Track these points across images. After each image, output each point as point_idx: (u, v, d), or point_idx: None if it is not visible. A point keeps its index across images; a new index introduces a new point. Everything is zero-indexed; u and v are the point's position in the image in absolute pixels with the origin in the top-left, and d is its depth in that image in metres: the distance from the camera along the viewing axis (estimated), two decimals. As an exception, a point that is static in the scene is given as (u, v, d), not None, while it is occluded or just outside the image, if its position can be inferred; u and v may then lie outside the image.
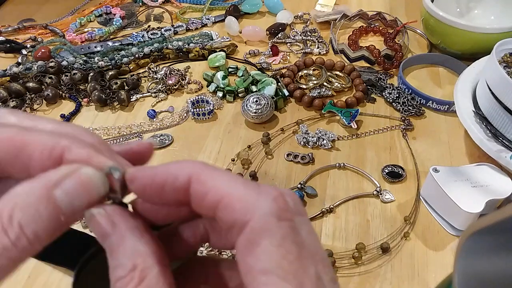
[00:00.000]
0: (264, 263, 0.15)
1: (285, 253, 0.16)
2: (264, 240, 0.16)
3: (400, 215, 0.50)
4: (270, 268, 0.15)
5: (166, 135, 0.61)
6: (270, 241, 0.16)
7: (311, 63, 0.71)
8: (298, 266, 0.16)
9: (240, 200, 0.16)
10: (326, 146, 0.58)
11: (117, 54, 0.75)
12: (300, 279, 0.15)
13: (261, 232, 0.16)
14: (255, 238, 0.16)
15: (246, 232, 0.16)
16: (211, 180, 0.17)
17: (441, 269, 0.46)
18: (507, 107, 0.49)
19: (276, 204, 0.16)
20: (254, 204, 0.16)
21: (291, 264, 0.15)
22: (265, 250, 0.16)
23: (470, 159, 0.57)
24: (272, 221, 0.16)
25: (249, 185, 0.17)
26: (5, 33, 0.82)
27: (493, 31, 0.64)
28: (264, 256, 0.16)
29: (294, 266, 0.15)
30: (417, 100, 0.64)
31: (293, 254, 0.16)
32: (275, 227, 0.16)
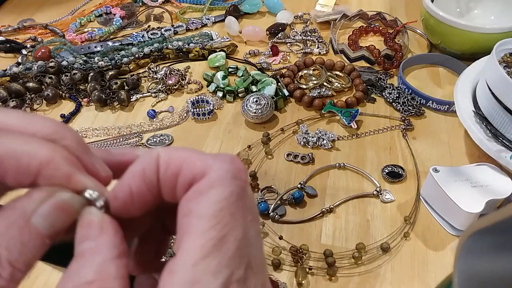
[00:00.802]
0: (203, 209, 0.16)
1: (226, 206, 0.16)
2: (213, 190, 0.16)
3: (400, 215, 0.50)
4: (206, 214, 0.16)
5: (166, 135, 0.61)
6: (218, 191, 0.16)
7: (311, 63, 0.71)
8: (231, 222, 0.16)
9: (200, 159, 0.17)
10: (326, 146, 0.58)
11: (117, 54, 0.75)
12: (227, 233, 0.16)
13: (213, 183, 0.17)
14: (206, 187, 0.17)
15: (200, 182, 0.17)
16: (173, 154, 0.18)
17: (441, 269, 0.46)
18: (507, 107, 0.49)
19: (232, 165, 0.17)
20: (213, 162, 0.17)
21: (225, 218, 0.16)
22: (209, 198, 0.16)
23: (470, 159, 0.57)
24: (227, 177, 0.17)
25: (207, 153, 0.18)
26: (5, 33, 0.82)
27: (493, 31, 0.64)
28: (206, 203, 0.16)
29: (226, 220, 0.16)
30: (417, 100, 0.64)
31: (231, 210, 0.16)
32: (228, 182, 0.17)
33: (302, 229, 0.50)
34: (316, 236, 0.49)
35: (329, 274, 0.45)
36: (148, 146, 0.59)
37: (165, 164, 0.18)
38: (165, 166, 0.18)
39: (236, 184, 0.17)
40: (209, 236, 0.16)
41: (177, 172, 0.17)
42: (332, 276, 0.45)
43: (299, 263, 0.46)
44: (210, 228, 0.16)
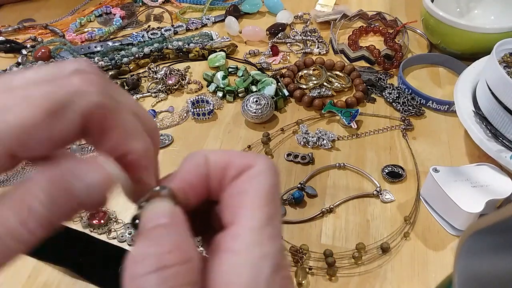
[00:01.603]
0: (258, 189, 0.19)
1: (274, 190, 0.19)
2: (264, 176, 0.19)
3: (400, 215, 0.50)
4: (259, 191, 0.19)
5: (166, 135, 0.61)
6: (267, 177, 0.19)
7: (311, 63, 0.71)
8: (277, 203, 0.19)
9: (244, 156, 0.20)
10: (326, 146, 0.58)
11: (117, 54, 0.75)
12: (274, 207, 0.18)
13: (263, 171, 0.19)
14: (257, 173, 0.19)
15: (251, 170, 0.19)
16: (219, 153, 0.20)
17: (441, 269, 0.46)
18: (507, 107, 0.49)
19: (271, 161, 0.20)
20: (256, 156, 0.20)
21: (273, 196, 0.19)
22: (262, 181, 0.19)
23: (470, 159, 0.57)
24: (269, 169, 0.19)
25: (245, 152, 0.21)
26: (5, 33, 0.82)
27: (493, 31, 0.64)
28: (260, 185, 0.19)
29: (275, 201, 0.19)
30: (417, 100, 0.64)
31: (275, 194, 0.19)
32: (273, 172, 0.19)
33: (302, 229, 0.50)
34: (316, 236, 0.49)
35: (329, 274, 0.45)
36: (148, 146, 0.59)
37: (214, 160, 0.20)
38: (214, 162, 0.20)
39: (277, 176, 0.19)
40: (266, 210, 0.18)
41: (225, 166, 0.20)
42: (332, 276, 0.45)
43: (299, 263, 0.46)
44: (265, 205, 0.18)
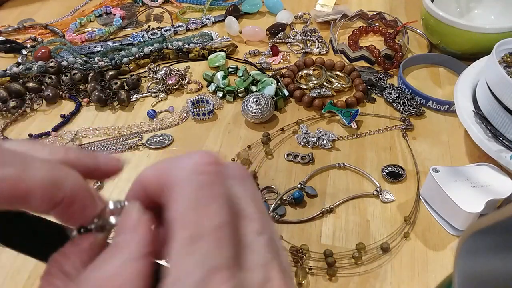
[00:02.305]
0: (175, 213, 0.17)
1: (193, 203, 0.16)
2: (179, 194, 0.17)
3: (400, 215, 0.50)
4: (176, 217, 0.16)
5: (166, 135, 0.61)
6: (183, 194, 0.17)
7: (311, 63, 0.71)
8: (197, 217, 0.16)
9: (168, 167, 0.18)
10: (326, 146, 0.58)
11: (117, 54, 0.75)
12: (198, 225, 0.16)
13: (179, 189, 0.17)
14: (175, 194, 0.17)
15: (171, 192, 0.17)
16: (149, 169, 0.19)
17: (441, 269, 0.46)
18: (507, 107, 0.49)
19: (193, 161, 0.17)
20: (175, 167, 0.18)
21: (194, 214, 0.16)
22: (179, 203, 0.17)
23: (470, 159, 0.57)
24: (190, 177, 0.17)
25: (176, 157, 0.18)
26: (5, 33, 0.82)
27: (493, 31, 0.64)
28: (176, 208, 0.17)
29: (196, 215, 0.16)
30: (417, 100, 0.64)
31: (197, 206, 0.16)
32: (187, 180, 0.17)
33: (302, 229, 0.50)
34: (316, 236, 0.49)
35: (329, 274, 0.45)
36: (148, 146, 0.59)
37: (145, 176, 0.19)
38: (145, 178, 0.19)
39: (202, 177, 0.17)
40: (186, 235, 0.16)
41: (154, 181, 0.18)
42: (332, 276, 0.45)
43: (299, 263, 0.46)
44: (180, 230, 0.16)
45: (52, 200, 0.17)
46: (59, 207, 0.18)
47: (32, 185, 0.16)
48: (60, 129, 0.63)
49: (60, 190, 0.17)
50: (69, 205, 0.18)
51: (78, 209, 0.18)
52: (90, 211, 0.19)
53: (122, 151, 0.59)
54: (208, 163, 0.17)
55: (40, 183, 0.17)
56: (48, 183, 0.17)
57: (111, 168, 0.21)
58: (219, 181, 0.17)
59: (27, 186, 0.16)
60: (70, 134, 0.62)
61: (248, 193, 0.19)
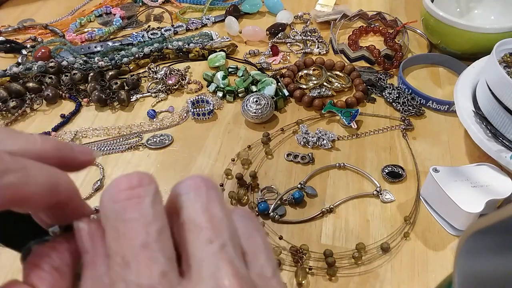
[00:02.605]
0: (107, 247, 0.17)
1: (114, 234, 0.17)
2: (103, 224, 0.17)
3: (400, 215, 0.50)
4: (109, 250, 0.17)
5: (166, 135, 0.61)
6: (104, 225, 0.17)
7: (311, 63, 0.71)
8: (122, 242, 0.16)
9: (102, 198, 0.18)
10: (326, 146, 0.58)
11: (117, 54, 0.75)
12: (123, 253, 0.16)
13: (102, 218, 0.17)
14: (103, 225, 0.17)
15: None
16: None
17: (441, 269, 0.46)
18: (507, 107, 0.49)
19: (113, 189, 0.17)
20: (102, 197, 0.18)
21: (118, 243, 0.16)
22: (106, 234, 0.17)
23: (470, 159, 0.57)
24: (107, 206, 0.17)
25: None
26: (5, 33, 0.82)
27: (493, 31, 0.64)
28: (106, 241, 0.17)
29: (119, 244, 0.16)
30: (417, 100, 0.64)
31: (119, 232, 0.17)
32: (108, 211, 0.17)
33: (302, 229, 0.50)
34: (316, 236, 0.49)
35: (329, 274, 0.45)
36: (148, 146, 0.59)
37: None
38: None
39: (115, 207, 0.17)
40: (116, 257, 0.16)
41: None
42: (332, 276, 0.45)
43: (299, 263, 0.46)
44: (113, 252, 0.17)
45: (48, 203, 0.18)
46: (53, 208, 0.18)
47: (33, 191, 0.17)
48: (60, 129, 0.63)
49: (57, 193, 0.18)
50: (62, 207, 0.18)
51: (69, 211, 0.19)
52: (78, 213, 0.19)
53: (122, 151, 0.59)
54: (126, 188, 0.17)
55: (40, 189, 0.17)
56: (47, 188, 0.17)
57: (85, 159, 0.21)
58: (137, 204, 0.17)
59: (28, 191, 0.17)
60: (70, 134, 0.62)
61: (198, 202, 0.18)
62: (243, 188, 0.53)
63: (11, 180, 0.16)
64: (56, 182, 0.18)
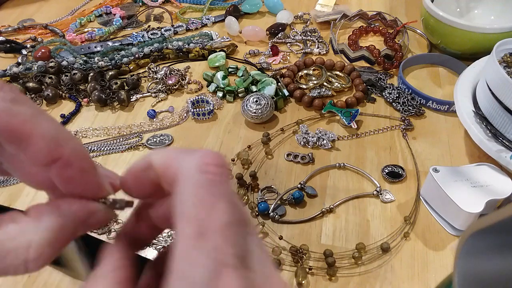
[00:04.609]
0: (180, 208, 0.17)
1: (198, 200, 0.16)
2: (184, 189, 0.17)
3: (400, 215, 0.50)
4: (181, 212, 0.16)
5: (166, 135, 0.61)
6: (188, 190, 0.17)
7: (311, 63, 0.71)
8: (205, 213, 0.16)
9: (177, 159, 0.18)
10: (326, 146, 0.58)
11: (117, 54, 0.75)
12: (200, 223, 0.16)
13: (184, 183, 0.17)
14: (180, 188, 0.17)
15: (176, 185, 0.18)
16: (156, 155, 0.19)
17: (441, 269, 0.46)
18: (507, 107, 0.49)
19: (201, 159, 0.18)
20: (182, 160, 0.18)
21: (198, 211, 0.16)
22: (183, 198, 0.17)
23: (470, 159, 0.57)
24: (195, 173, 0.17)
25: (185, 150, 0.19)
26: (5, 33, 0.82)
27: (493, 31, 0.64)
28: (181, 203, 0.17)
29: (201, 212, 0.16)
30: (417, 100, 0.64)
31: (204, 202, 0.16)
32: (196, 179, 0.17)
33: (302, 229, 0.50)
34: (316, 236, 0.49)
35: (329, 274, 0.45)
36: (148, 146, 0.59)
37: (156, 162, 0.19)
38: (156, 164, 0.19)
39: (203, 177, 0.17)
40: (191, 232, 0.16)
41: (163, 169, 0.19)
42: (332, 276, 0.45)
43: (299, 263, 0.46)
44: (187, 225, 0.16)
45: (50, 153, 0.18)
46: (57, 165, 0.18)
47: (36, 131, 0.17)
48: (60, 129, 0.63)
49: (60, 146, 0.18)
50: (67, 165, 0.18)
51: (76, 173, 0.19)
52: (90, 181, 0.19)
53: (122, 151, 0.59)
54: (214, 163, 0.18)
55: (43, 132, 0.17)
56: (50, 135, 0.18)
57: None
58: (225, 182, 0.17)
59: (31, 129, 0.17)
60: (70, 134, 0.61)
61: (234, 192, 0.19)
62: (243, 188, 0.53)
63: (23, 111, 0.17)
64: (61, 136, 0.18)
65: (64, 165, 0.18)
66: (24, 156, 0.18)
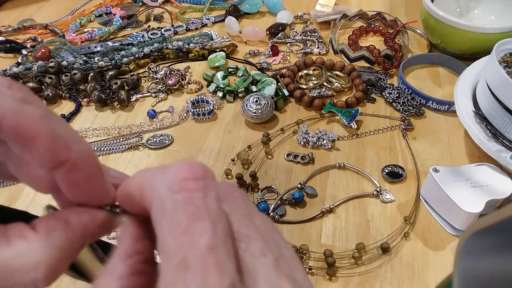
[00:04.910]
0: (157, 237, 0.15)
1: (173, 228, 0.14)
2: (155, 214, 0.15)
3: (400, 215, 0.50)
4: (161, 248, 0.15)
5: (166, 135, 0.61)
6: (159, 215, 0.15)
7: (311, 63, 0.71)
8: (184, 240, 0.14)
9: (148, 180, 0.17)
10: (326, 146, 0.58)
11: (117, 54, 0.75)
12: (183, 254, 0.14)
13: (155, 206, 0.15)
14: (155, 216, 0.15)
15: (152, 212, 0.16)
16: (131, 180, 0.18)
17: (441, 269, 0.46)
18: (507, 107, 0.49)
19: (174, 176, 0.16)
20: (154, 183, 0.16)
21: (174, 238, 0.14)
22: (156, 224, 0.15)
23: (470, 159, 0.57)
24: (164, 194, 0.15)
25: (160, 168, 0.17)
26: (5, 33, 0.82)
27: (493, 31, 0.64)
28: (157, 231, 0.15)
29: (179, 240, 0.14)
30: (417, 100, 0.64)
31: (181, 227, 0.14)
32: (167, 199, 0.15)
33: (302, 229, 0.50)
34: (316, 236, 0.49)
35: (329, 274, 0.45)
36: (148, 146, 0.59)
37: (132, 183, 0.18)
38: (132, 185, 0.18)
39: (178, 197, 0.15)
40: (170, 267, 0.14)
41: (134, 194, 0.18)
42: (332, 276, 0.45)
43: (299, 263, 0.46)
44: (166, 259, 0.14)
45: (57, 155, 0.17)
46: (64, 169, 0.17)
47: (43, 132, 0.17)
48: (60, 129, 0.63)
49: (68, 148, 0.17)
50: (74, 169, 0.18)
51: (83, 178, 0.18)
52: (96, 187, 0.18)
53: (122, 151, 0.59)
54: (192, 177, 0.15)
55: (51, 133, 0.17)
56: (58, 137, 0.17)
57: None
58: (207, 196, 0.15)
59: (38, 130, 0.17)
60: (70, 134, 0.61)
61: (241, 212, 0.17)
62: (243, 188, 0.53)
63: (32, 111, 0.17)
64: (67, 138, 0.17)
65: (70, 168, 0.17)
66: (30, 158, 0.17)
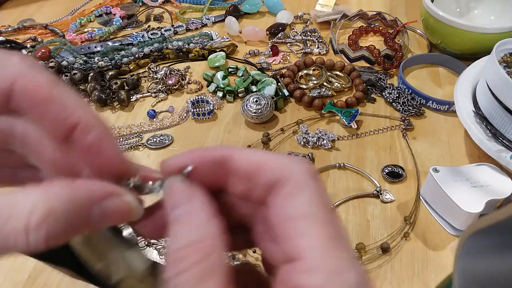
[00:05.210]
0: (305, 209, 0.17)
1: (322, 203, 0.17)
2: (304, 192, 0.17)
3: (400, 215, 0.50)
4: (311, 213, 0.17)
5: (166, 135, 0.61)
6: (309, 192, 0.17)
7: (311, 63, 0.71)
8: (331, 215, 0.17)
9: (277, 162, 0.18)
10: (326, 146, 0.58)
11: (117, 54, 0.75)
12: (333, 226, 0.17)
13: (301, 185, 0.18)
14: (296, 190, 0.17)
15: (287, 186, 0.18)
16: (245, 154, 0.19)
17: (441, 269, 0.46)
18: (507, 107, 0.49)
19: (309, 166, 0.18)
20: (291, 164, 0.18)
21: (327, 213, 0.17)
22: (305, 199, 0.17)
23: (470, 159, 0.57)
24: (309, 178, 0.18)
25: (280, 154, 0.20)
26: (5, 33, 0.82)
27: (493, 31, 0.64)
28: (305, 204, 0.17)
29: (329, 215, 0.17)
30: (417, 100, 0.64)
31: (327, 206, 0.17)
32: (312, 183, 0.18)
33: (302, 229, 0.49)
34: (316, 236, 0.49)
35: (329, 274, 0.45)
36: (148, 146, 0.59)
37: (240, 160, 0.19)
38: (239, 162, 0.19)
39: (318, 184, 0.18)
40: (328, 232, 0.17)
41: (254, 171, 0.18)
42: (332, 276, 0.45)
43: (299, 263, 0.46)
44: (325, 225, 0.17)
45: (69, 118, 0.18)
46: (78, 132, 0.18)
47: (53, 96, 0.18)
48: (60, 129, 0.63)
49: (78, 110, 0.18)
50: (87, 130, 0.18)
51: (96, 140, 0.18)
52: (110, 150, 0.19)
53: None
54: (316, 172, 0.18)
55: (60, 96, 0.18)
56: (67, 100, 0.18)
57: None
58: (321, 183, 0.18)
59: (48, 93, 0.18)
60: (70, 134, 0.62)
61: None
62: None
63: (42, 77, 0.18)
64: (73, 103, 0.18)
65: (83, 131, 0.18)
66: (44, 130, 0.18)
